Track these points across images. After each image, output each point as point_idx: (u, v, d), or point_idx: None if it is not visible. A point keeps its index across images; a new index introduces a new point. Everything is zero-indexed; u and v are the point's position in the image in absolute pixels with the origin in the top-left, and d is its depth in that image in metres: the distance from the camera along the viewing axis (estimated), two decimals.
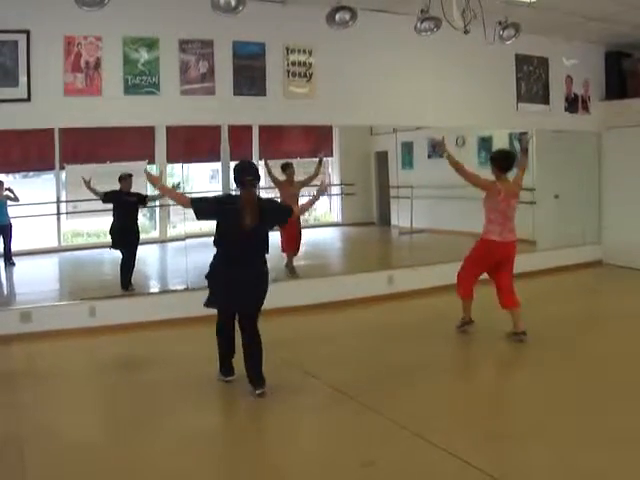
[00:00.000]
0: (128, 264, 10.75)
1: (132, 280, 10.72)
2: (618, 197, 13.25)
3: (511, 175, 8.37)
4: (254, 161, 14.19)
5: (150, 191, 11.09)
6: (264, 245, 6.67)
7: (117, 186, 10.85)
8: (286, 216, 6.89)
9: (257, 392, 6.41)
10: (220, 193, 7.27)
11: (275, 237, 11.45)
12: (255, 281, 6.59)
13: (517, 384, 7.01)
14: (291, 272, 11.79)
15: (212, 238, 6.61)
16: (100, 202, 10.92)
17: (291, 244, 11.97)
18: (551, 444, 5.23)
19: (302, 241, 12.09)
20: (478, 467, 4.81)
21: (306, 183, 12.29)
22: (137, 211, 11.14)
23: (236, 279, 6.46)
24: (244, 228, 6.32)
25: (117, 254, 10.87)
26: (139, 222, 11.37)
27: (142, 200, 11.03)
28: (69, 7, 7.30)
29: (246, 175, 6.47)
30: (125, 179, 10.85)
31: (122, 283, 10.58)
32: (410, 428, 5.61)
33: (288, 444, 5.48)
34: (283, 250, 11.96)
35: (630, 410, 5.93)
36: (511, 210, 8.18)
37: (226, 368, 6.95)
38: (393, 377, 7.03)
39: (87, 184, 10.91)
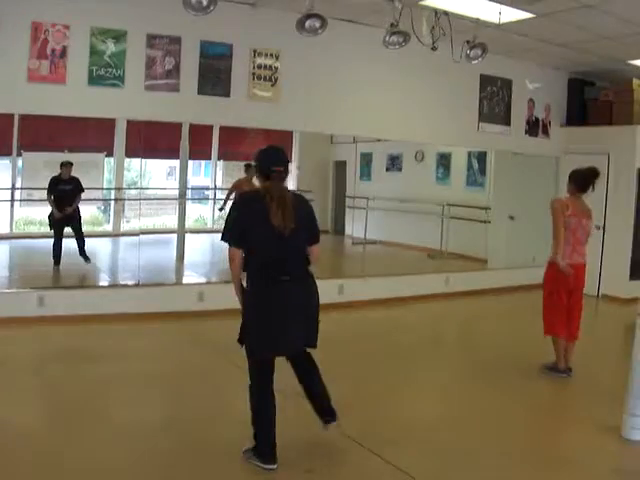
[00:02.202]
0: (58, 243, 11.50)
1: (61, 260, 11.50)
2: None
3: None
4: (213, 161, 14.31)
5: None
6: (305, 254, 5.20)
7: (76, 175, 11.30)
8: (316, 235, 5.30)
9: (333, 424, 5.41)
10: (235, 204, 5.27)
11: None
12: (307, 301, 5.18)
13: (466, 400, 7.04)
14: None
15: (167, 235, 6.23)
16: None
17: None
18: (491, 461, 5.31)
19: None
20: None
21: None
22: (73, 197, 11.52)
23: (283, 303, 5.01)
24: (280, 231, 4.90)
25: (68, 244, 11.17)
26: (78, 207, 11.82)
27: (78, 189, 11.54)
28: None
29: (275, 164, 5.07)
30: (65, 166, 11.34)
31: (54, 258, 11.47)
32: (357, 439, 5.62)
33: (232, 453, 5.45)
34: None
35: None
36: (582, 231, 7.55)
37: (270, 447, 5.06)
38: (340, 386, 7.03)
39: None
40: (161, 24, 9.23)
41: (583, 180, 7.56)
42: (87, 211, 13.20)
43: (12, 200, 12.67)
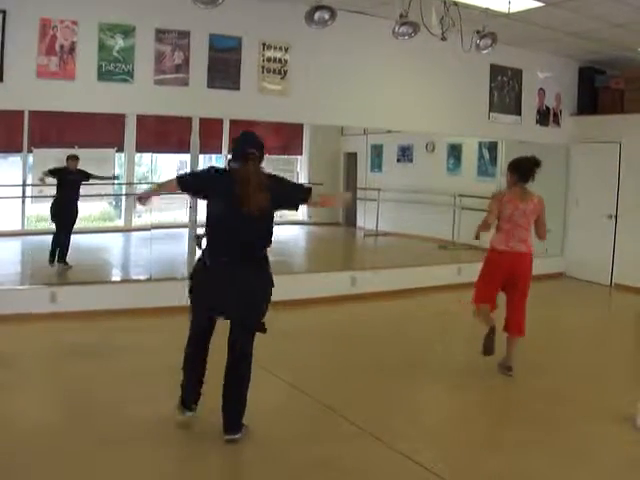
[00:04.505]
0: (59, 239, 11.18)
1: (67, 259, 11.15)
2: (582, 212, 13.37)
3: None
4: (223, 155, 14.28)
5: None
6: (268, 237, 5.27)
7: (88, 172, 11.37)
8: (302, 194, 5.30)
9: (226, 437, 5.26)
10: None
11: None
12: (253, 283, 5.17)
13: (477, 392, 7.02)
14: None
15: (179, 230, 6.24)
16: None
17: None
18: (506, 453, 5.30)
19: None
20: (437, 473, 4.86)
21: None
22: (79, 189, 11.43)
23: (227, 278, 5.07)
24: (246, 213, 4.94)
25: (79, 240, 11.07)
26: (79, 201, 11.62)
27: (85, 176, 11.42)
28: None
29: (248, 147, 5.12)
30: (72, 159, 11.22)
31: (50, 256, 11.10)
32: (368, 430, 5.62)
33: (243, 440, 5.43)
34: None
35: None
36: (520, 216, 7.16)
37: (187, 394, 5.60)
38: (352, 377, 7.04)
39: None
40: (170, 18, 9.22)
41: (524, 170, 7.25)
42: (98, 207, 13.22)
43: (23, 197, 12.67)
